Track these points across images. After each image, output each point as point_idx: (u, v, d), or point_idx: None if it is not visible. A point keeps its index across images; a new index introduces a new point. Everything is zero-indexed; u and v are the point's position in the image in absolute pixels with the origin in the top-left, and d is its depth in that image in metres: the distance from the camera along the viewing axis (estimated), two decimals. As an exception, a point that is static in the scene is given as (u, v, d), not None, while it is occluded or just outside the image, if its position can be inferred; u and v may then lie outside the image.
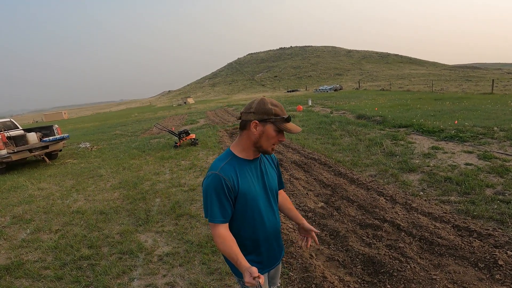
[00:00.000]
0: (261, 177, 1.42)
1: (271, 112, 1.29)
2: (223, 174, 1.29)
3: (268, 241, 1.45)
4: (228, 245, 1.27)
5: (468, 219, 3.29)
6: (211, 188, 1.29)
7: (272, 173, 1.50)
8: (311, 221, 3.60)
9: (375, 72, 78.98)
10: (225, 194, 1.29)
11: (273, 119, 1.29)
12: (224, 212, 1.30)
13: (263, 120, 1.29)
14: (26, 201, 5.48)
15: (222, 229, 1.30)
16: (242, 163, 1.36)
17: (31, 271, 3.10)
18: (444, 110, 11.00)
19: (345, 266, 2.73)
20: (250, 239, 1.40)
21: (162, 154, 8.36)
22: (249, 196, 1.34)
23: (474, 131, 6.96)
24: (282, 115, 1.30)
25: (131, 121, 24.15)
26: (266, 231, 1.42)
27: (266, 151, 1.35)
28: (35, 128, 9.94)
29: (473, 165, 4.88)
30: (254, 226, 1.39)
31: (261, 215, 1.40)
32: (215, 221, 1.29)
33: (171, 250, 3.24)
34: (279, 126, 1.30)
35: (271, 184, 1.46)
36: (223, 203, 1.29)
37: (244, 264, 1.20)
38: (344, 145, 7.10)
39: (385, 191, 4.17)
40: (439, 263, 2.62)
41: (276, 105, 1.31)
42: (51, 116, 71.12)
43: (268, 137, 1.31)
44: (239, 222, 1.37)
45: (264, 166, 1.45)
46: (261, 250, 1.44)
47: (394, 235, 3.10)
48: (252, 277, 1.14)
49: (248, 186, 1.34)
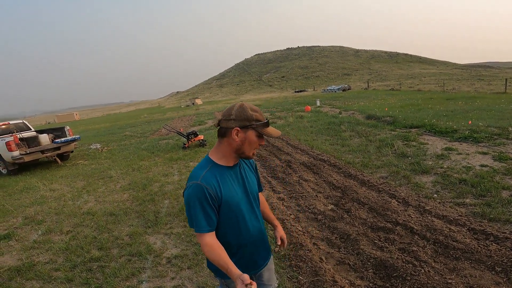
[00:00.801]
0: (242, 183, 1.42)
1: (252, 118, 1.29)
2: (205, 183, 1.28)
3: (253, 245, 1.47)
4: (217, 254, 1.26)
5: (484, 222, 3.19)
6: (194, 198, 1.28)
7: (252, 177, 1.51)
8: (321, 224, 3.55)
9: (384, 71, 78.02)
10: (208, 203, 1.28)
11: (254, 125, 1.29)
12: (210, 221, 1.29)
13: (244, 127, 1.29)
14: (38, 202, 5.57)
15: (208, 238, 1.29)
16: (223, 170, 1.36)
17: (42, 272, 3.13)
18: (457, 110, 10.76)
19: (356, 270, 2.67)
20: (235, 245, 1.41)
21: (171, 155, 8.40)
22: (232, 203, 1.34)
23: (488, 132, 6.78)
24: (262, 120, 1.31)
25: (141, 122, 24.42)
26: (250, 235, 1.43)
27: (248, 156, 1.36)
28: (47, 130, 10.13)
29: (488, 167, 4.73)
30: (238, 231, 1.40)
31: (245, 220, 1.40)
32: (202, 231, 1.28)
33: (180, 252, 3.23)
34: (260, 131, 1.31)
35: (252, 189, 1.47)
36: (208, 212, 1.28)
37: (235, 272, 1.19)
38: (353, 146, 6.99)
39: (397, 193, 4.08)
40: (455, 267, 2.54)
41: (256, 110, 1.31)
42: (63, 117, 72.54)
43: (250, 142, 1.32)
44: (224, 229, 1.37)
45: (244, 171, 1.46)
46: (246, 254, 1.45)
47: (407, 238, 3.02)
48: (244, 284, 1.12)
49: (230, 193, 1.34)
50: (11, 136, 8.30)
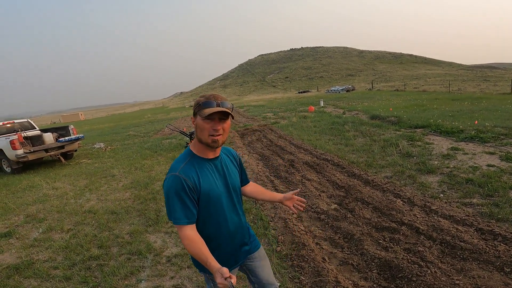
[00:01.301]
0: (223, 176, 1.41)
1: (197, 103, 1.31)
2: (184, 174, 1.28)
3: (232, 239, 1.45)
4: (196, 247, 1.24)
5: (492, 222, 3.10)
6: (172, 190, 1.26)
7: (234, 171, 1.49)
8: (324, 223, 3.48)
9: (388, 72, 77.55)
10: (187, 194, 1.27)
11: (197, 109, 1.31)
12: (188, 213, 1.27)
13: (194, 114, 1.33)
14: (40, 200, 5.56)
15: (188, 231, 1.27)
16: (202, 162, 1.35)
17: (41, 271, 3.10)
18: (463, 110, 10.61)
19: (359, 271, 2.60)
20: (214, 238, 1.39)
21: (173, 155, 8.38)
22: (211, 196, 1.33)
23: (495, 132, 6.65)
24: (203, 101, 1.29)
25: (144, 122, 24.49)
26: (229, 230, 1.42)
27: (206, 143, 1.31)
28: (51, 129, 10.17)
29: (495, 167, 4.63)
30: (217, 225, 1.38)
31: (225, 214, 1.39)
32: (180, 223, 1.27)
33: (180, 251, 3.18)
34: (200, 114, 1.29)
35: (234, 183, 1.45)
36: (186, 204, 1.27)
37: (214, 265, 1.18)
38: (357, 146, 6.90)
39: (402, 193, 4.00)
40: (462, 268, 2.47)
41: (203, 95, 1.32)
42: (68, 117, 73.14)
43: (200, 128, 1.30)
44: (203, 222, 1.36)
45: (225, 165, 1.44)
46: (225, 248, 1.44)
47: (412, 238, 2.95)
48: (223, 277, 1.11)
49: (210, 185, 1.33)
50: (16, 135, 8.33)
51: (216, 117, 1.28)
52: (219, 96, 1.31)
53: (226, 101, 1.32)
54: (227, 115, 1.31)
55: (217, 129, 1.29)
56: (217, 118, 1.28)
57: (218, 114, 1.28)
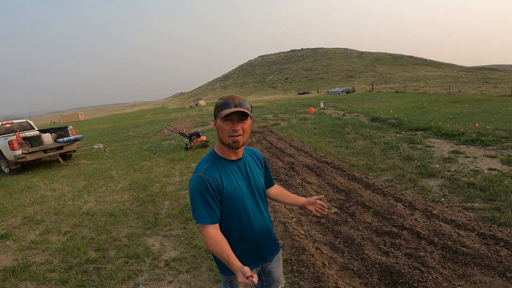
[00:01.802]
0: (247, 177, 1.43)
1: (216, 105, 1.34)
2: (207, 175, 1.32)
3: (256, 240, 1.46)
4: (219, 246, 1.26)
5: (494, 226, 3.08)
6: (196, 190, 1.31)
7: (258, 173, 1.51)
8: (324, 228, 3.44)
9: (388, 74, 77.60)
10: (210, 195, 1.30)
11: (216, 111, 1.34)
12: (212, 213, 1.31)
13: (215, 116, 1.36)
14: (38, 201, 5.52)
15: (212, 230, 1.30)
16: (225, 163, 1.38)
17: (37, 273, 3.06)
18: (463, 113, 10.58)
19: (360, 276, 2.56)
20: (237, 238, 1.41)
21: (172, 156, 8.33)
22: (235, 196, 1.35)
23: (496, 135, 6.63)
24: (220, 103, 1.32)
25: (144, 123, 24.44)
26: (254, 230, 1.43)
27: (227, 144, 1.34)
28: (50, 129, 10.12)
29: (497, 170, 4.60)
30: (241, 226, 1.40)
31: (248, 215, 1.40)
32: (203, 222, 1.30)
33: (178, 255, 3.14)
34: (218, 116, 1.32)
35: (258, 184, 1.47)
36: (210, 204, 1.30)
37: (236, 264, 1.18)
38: (358, 148, 6.87)
39: (403, 196, 3.96)
40: (464, 273, 2.43)
41: (222, 97, 1.34)
42: (68, 117, 73.09)
43: (220, 129, 1.32)
44: (227, 222, 1.38)
45: (249, 166, 1.46)
46: (250, 249, 1.44)
47: (413, 243, 2.91)
48: (245, 276, 1.11)
49: (233, 186, 1.36)
50: (14, 135, 8.29)
51: (235, 118, 1.30)
52: (236, 97, 1.33)
53: (244, 101, 1.34)
54: (246, 116, 1.33)
55: (236, 129, 1.31)
56: (236, 119, 1.31)
57: (236, 115, 1.30)
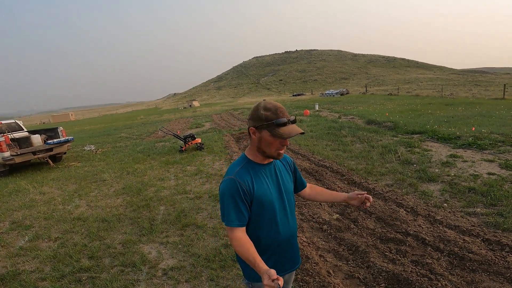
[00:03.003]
0: (276, 181, 1.42)
1: (262, 118, 1.28)
2: (239, 178, 1.31)
3: (283, 245, 1.44)
4: (245, 248, 1.25)
5: (499, 232, 3.04)
6: (228, 192, 1.30)
7: (287, 177, 1.49)
8: (326, 234, 3.35)
9: (381, 76, 78.42)
10: (241, 197, 1.30)
11: (265, 125, 1.28)
12: (241, 216, 1.30)
13: (258, 127, 1.30)
14: (26, 205, 5.31)
15: (239, 233, 1.30)
16: (257, 167, 1.38)
17: (27, 282, 2.91)
18: (458, 116, 10.66)
19: (366, 284, 2.48)
20: (264, 243, 1.40)
21: (167, 159, 8.16)
22: (264, 200, 1.35)
23: (492, 139, 6.64)
24: (274, 119, 1.27)
25: (137, 124, 24.11)
26: (281, 235, 1.42)
27: (271, 156, 1.35)
28: (39, 130, 9.84)
29: (496, 175, 4.58)
30: (269, 230, 1.39)
31: (276, 219, 1.39)
32: (232, 225, 1.30)
33: (177, 263, 3.01)
34: (272, 132, 1.27)
35: (287, 188, 1.46)
36: (239, 206, 1.30)
37: (262, 267, 1.17)
38: (356, 152, 6.82)
39: (405, 202, 3.90)
40: (473, 280, 2.38)
41: (269, 109, 1.28)
42: (58, 117, 71.85)
43: (267, 142, 1.30)
44: (255, 226, 1.37)
45: (278, 170, 1.45)
46: (275, 253, 1.43)
47: (419, 250, 2.85)
48: (271, 279, 1.09)
49: (263, 190, 1.35)
50: (2, 137, 8.01)
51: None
52: (284, 110, 1.31)
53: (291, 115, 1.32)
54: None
55: (286, 144, 1.32)
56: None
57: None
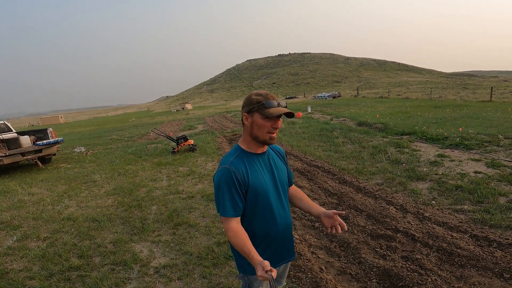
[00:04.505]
0: (271, 171, 1.42)
1: (254, 101, 1.32)
2: (233, 167, 1.31)
3: (278, 236, 1.44)
4: (240, 239, 1.25)
5: (486, 228, 3.12)
6: (223, 182, 1.30)
7: (282, 168, 1.50)
8: (318, 232, 3.39)
9: (373, 79, 79.48)
10: (235, 187, 1.29)
11: (256, 107, 1.31)
12: (235, 206, 1.30)
13: (250, 111, 1.33)
14: (15, 206, 5.22)
15: (234, 223, 1.30)
16: (251, 156, 1.38)
17: (15, 281, 2.87)
18: (446, 118, 10.89)
19: (358, 280, 2.52)
20: (260, 234, 1.40)
21: (159, 160, 8.11)
22: (259, 190, 1.35)
23: (479, 139, 6.81)
24: (263, 101, 1.31)
25: (128, 126, 23.89)
26: (277, 225, 1.41)
27: (263, 140, 1.35)
28: (29, 131, 9.68)
29: (482, 173, 4.70)
30: (264, 220, 1.39)
31: (272, 209, 1.39)
32: (227, 215, 1.29)
33: (169, 262, 3.00)
34: (261, 113, 1.30)
35: (281, 178, 1.46)
36: (234, 197, 1.30)
37: (256, 258, 1.18)
38: (347, 152, 6.90)
39: (394, 200, 3.97)
40: (462, 275, 2.43)
41: (260, 94, 1.33)
42: (47, 120, 70.65)
43: (258, 125, 1.32)
44: (250, 216, 1.37)
45: (273, 160, 1.46)
46: (271, 245, 1.43)
47: (409, 246, 2.90)
48: (264, 270, 1.10)
49: (258, 179, 1.35)
50: (-10, 137, 7.87)
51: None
52: (274, 95, 1.35)
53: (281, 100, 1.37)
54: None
55: (277, 126, 1.33)
56: (276, 116, 1.32)
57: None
